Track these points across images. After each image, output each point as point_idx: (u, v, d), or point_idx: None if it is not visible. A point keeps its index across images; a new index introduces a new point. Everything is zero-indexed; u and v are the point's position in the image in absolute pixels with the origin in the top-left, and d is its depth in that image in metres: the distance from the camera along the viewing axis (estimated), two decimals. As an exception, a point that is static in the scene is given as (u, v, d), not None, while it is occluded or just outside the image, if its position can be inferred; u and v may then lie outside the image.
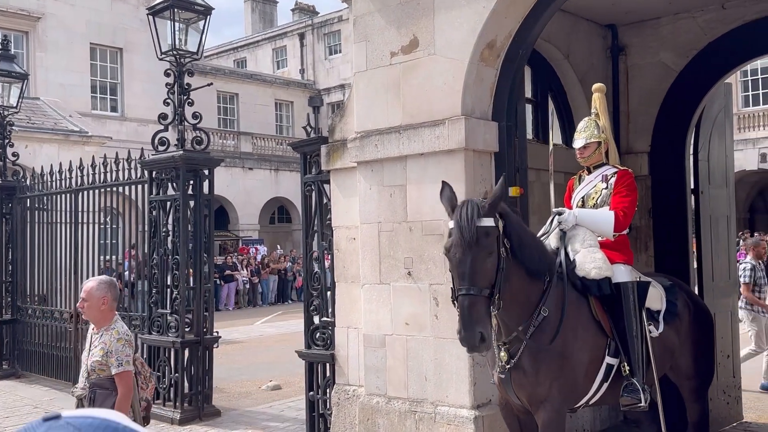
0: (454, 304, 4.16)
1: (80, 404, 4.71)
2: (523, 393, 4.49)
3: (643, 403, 4.64)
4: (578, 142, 5.22)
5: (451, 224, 4.15)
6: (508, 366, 4.46)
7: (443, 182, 4.47)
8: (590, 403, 4.84)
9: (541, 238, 4.92)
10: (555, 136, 7.46)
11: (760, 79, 30.26)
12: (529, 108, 7.34)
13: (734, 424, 7.31)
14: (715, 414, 6.83)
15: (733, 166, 7.91)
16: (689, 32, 7.50)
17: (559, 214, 4.93)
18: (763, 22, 7.04)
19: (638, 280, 4.95)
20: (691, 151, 7.51)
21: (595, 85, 5.48)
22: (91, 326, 4.86)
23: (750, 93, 30.69)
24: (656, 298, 5.10)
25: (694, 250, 7.60)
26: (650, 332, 4.88)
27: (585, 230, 4.90)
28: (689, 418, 5.62)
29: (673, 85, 7.58)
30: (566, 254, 4.82)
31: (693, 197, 7.50)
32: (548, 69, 7.64)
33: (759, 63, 28.24)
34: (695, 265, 7.52)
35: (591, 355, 4.61)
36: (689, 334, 5.38)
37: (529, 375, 4.42)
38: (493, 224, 4.09)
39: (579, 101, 7.57)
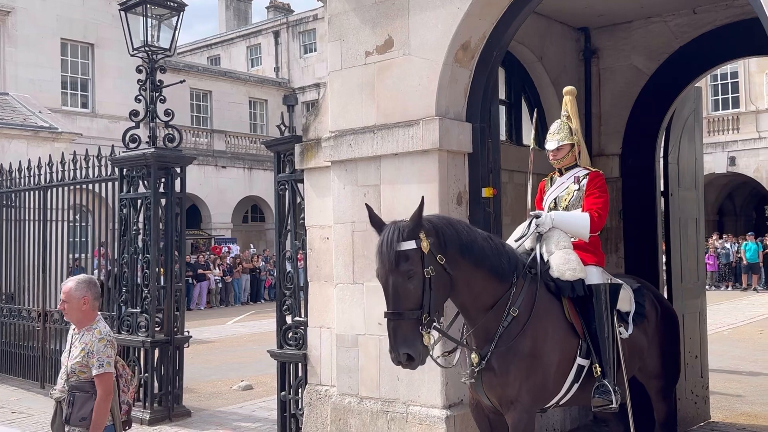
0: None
1: (59, 407, 4.52)
2: (494, 394, 4.51)
3: (614, 405, 4.68)
4: (551, 144, 5.26)
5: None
6: (479, 368, 4.47)
7: (366, 205, 4.47)
8: (561, 403, 4.87)
9: (519, 241, 4.94)
10: (528, 138, 7.52)
11: (729, 84, 30.76)
12: (502, 109, 7.38)
13: (701, 424, 7.40)
14: (683, 413, 6.92)
15: (702, 169, 8.01)
16: (661, 36, 7.59)
17: (537, 216, 4.95)
18: (733, 27, 7.14)
19: (609, 282, 5.00)
20: (662, 154, 7.60)
21: (566, 88, 5.52)
22: (72, 326, 4.66)
23: (720, 97, 31.17)
24: (626, 300, 5.15)
25: (664, 251, 7.69)
26: (620, 334, 4.93)
27: (559, 232, 4.93)
28: (656, 418, 5.69)
29: (644, 89, 7.66)
30: (540, 255, 4.85)
31: (663, 199, 7.58)
32: (522, 71, 7.68)
33: (729, 67, 28.72)
34: (664, 267, 7.61)
35: (562, 356, 4.63)
36: (656, 335, 5.45)
37: (499, 376, 4.44)
38: (414, 246, 4.08)
39: (552, 103, 7.62)
